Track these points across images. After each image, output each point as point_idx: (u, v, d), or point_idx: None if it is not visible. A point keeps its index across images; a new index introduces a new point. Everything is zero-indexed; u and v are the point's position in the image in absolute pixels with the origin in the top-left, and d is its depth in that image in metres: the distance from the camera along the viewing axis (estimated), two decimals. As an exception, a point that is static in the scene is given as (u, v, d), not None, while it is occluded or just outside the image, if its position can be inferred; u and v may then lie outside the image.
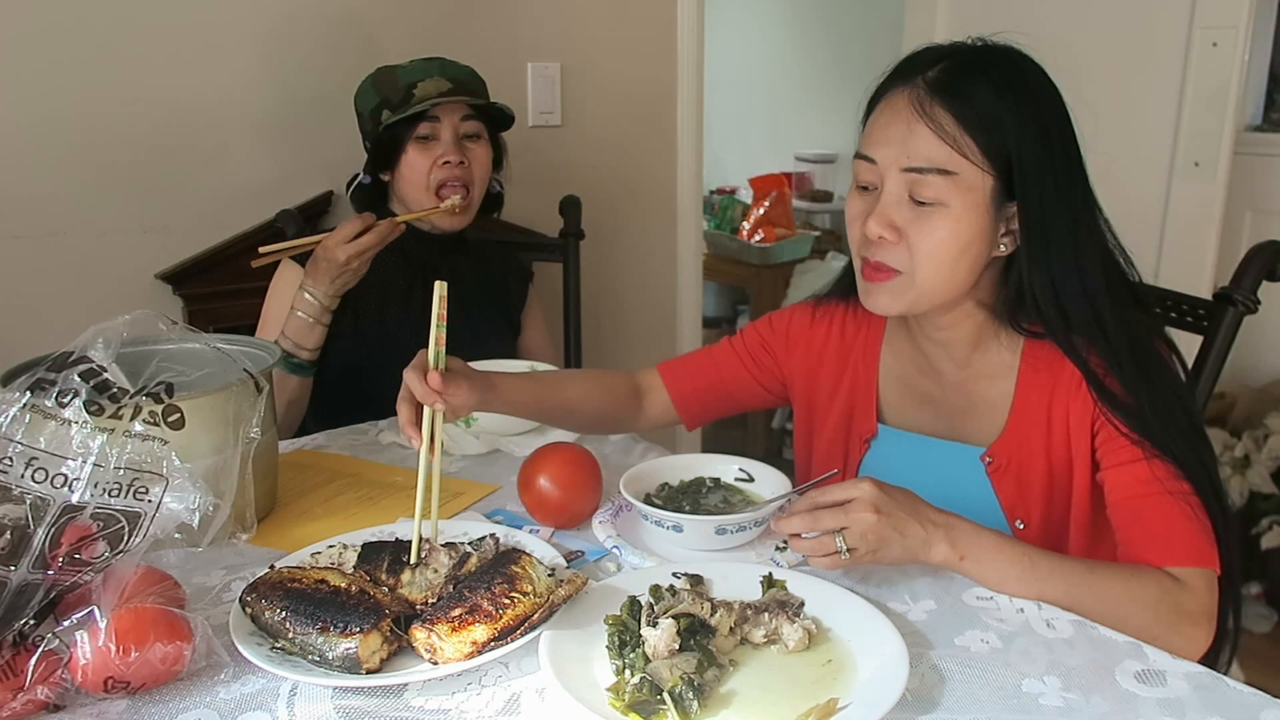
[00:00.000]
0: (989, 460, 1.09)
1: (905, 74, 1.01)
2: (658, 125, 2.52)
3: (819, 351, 1.25)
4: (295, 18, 1.91)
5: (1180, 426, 0.99)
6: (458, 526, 1.06)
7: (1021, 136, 0.97)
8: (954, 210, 0.98)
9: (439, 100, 1.55)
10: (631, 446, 1.37)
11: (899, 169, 0.99)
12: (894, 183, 1.00)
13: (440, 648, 0.80)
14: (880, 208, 1.00)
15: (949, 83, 0.98)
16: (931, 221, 0.99)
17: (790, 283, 3.70)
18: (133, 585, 0.80)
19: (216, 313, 1.87)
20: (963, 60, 1.00)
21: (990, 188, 0.98)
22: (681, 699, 0.75)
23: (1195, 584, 0.94)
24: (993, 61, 1.00)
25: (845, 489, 0.91)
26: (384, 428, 1.44)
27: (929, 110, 0.97)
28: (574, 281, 2.03)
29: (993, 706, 0.77)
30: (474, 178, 1.63)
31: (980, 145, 0.96)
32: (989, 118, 0.96)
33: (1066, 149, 1.00)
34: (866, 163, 1.02)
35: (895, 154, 0.99)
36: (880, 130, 1.01)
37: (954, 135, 0.96)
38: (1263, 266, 1.23)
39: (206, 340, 1.14)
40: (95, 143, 1.76)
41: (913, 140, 0.98)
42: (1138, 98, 2.42)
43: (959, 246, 0.99)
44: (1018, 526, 1.08)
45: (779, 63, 4.26)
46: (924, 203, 0.99)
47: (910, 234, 1.00)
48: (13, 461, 0.81)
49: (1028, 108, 0.97)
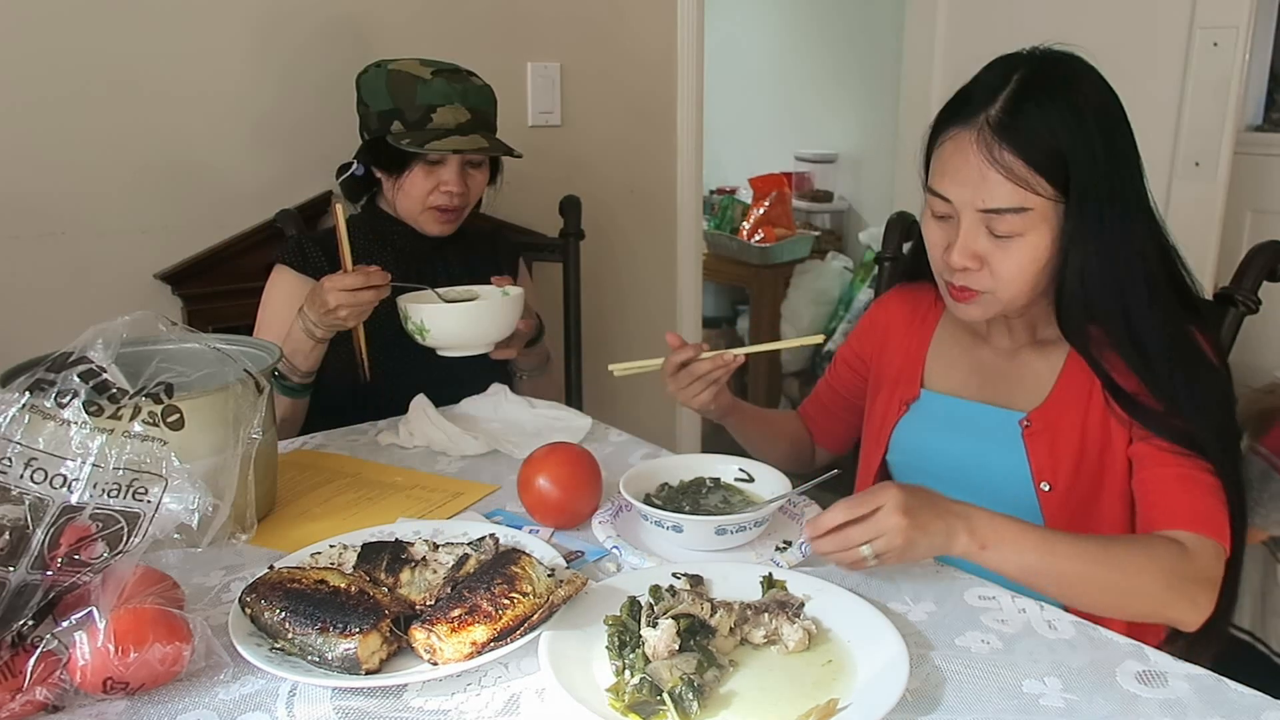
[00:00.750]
0: (1026, 424, 1.13)
1: (967, 113, 1.04)
2: (658, 125, 2.52)
3: (884, 334, 1.32)
4: (296, 17, 1.91)
5: (1214, 420, 1.03)
6: (458, 526, 1.06)
7: (1082, 164, 1.00)
8: (1030, 239, 1.03)
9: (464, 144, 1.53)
10: (632, 447, 1.37)
11: (974, 209, 1.03)
12: (970, 219, 1.04)
13: (440, 648, 0.80)
14: (962, 242, 1.05)
15: (1012, 123, 1.01)
16: (1011, 250, 1.04)
17: (790, 283, 3.70)
18: (132, 586, 0.80)
19: (216, 313, 1.87)
20: (1018, 91, 1.02)
21: (1060, 210, 1.02)
22: (681, 699, 0.74)
23: (1204, 550, 0.97)
24: (1047, 84, 1.03)
25: (870, 498, 0.91)
26: (383, 428, 1.44)
27: (998, 156, 1.01)
28: (574, 281, 2.02)
29: (993, 707, 0.77)
30: (468, 201, 1.64)
31: (1048, 178, 1.00)
32: (1053, 153, 1.00)
33: (1114, 151, 1.03)
34: (941, 200, 1.06)
35: (970, 196, 1.03)
36: (952, 172, 1.05)
37: (1024, 178, 1.00)
38: (1263, 266, 1.23)
39: (206, 340, 1.14)
40: (95, 143, 1.75)
41: (985, 185, 1.01)
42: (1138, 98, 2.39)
43: (1038, 266, 1.04)
44: (1042, 489, 1.11)
45: (779, 63, 4.25)
46: (1001, 235, 1.03)
47: (992, 262, 1.05)
48: (12, 462, 0.81)
49: (1080, 123, 1.01)
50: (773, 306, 3.68)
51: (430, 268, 1.68)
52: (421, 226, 1.63)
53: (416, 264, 1.67)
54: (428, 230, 1.64)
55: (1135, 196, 1.05)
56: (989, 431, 1.15)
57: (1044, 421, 1.12)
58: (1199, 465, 1.01)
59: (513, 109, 2.20)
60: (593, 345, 2.12)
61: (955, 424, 1.19)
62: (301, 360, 1.49)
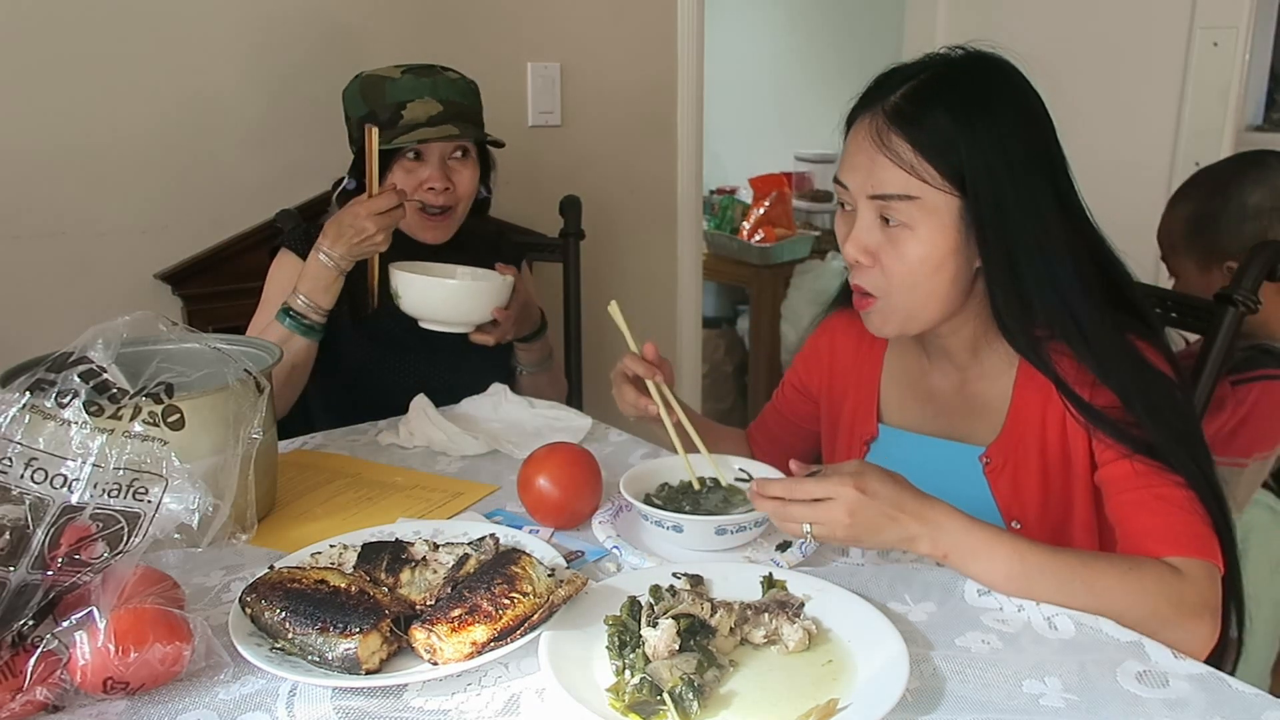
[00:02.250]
0: (986, 461, 1.10)
1: (871, 100, 1.04)
2: (658, 125, 2.51)
3: (829, 360, 1.29)
4: (295, 17, 1.91)
5: (1171, 426, 0.99)
6: (458, 526, 1.06)
7: (975, 155, 0.98)
8: (920, 233, 1.00)
9: (432, 134, 1.54)
10: (632, 447, 1.37)
11: (866, 195, 1.02)
12: (864, 208, 1.03)
13: (440, 648, 0.80)
14: (854, 232, 1.04)
15: (907, 110, 1.00)
16: (901, 245, 1.01)
17: (790, 283, 3.70)
18: (132, 586, 0.80)
19: (216, 313, 1.87)
20: (923, 84, 1.01)
21: (957, 207, 1.00)
22: (681, 699, 0.74)
23: (1195, 574, 0.93)
24: (954, 81, 1.02)
25: (826, 486, 0.91)
26: (383, 428, 1.44)
27: (886, 140, 1.00)
28: (574, 281, 2.02)
29: (993, 707, 0.77)
30: (458, 198, 1.62)
31: (939, 169, 0.98)
32: (944, 143, 0.98)
33: (1030, 156, 1.00)
34: (841, 187, 1.06)
35: (862, 181, 1.02)
36: (850, 157, 1.05)
37: (911, 163, 0.99)
38: (1263, 266, 1.23)
39: (206, 340, 1.14)
40: (95, 143, 1.76)
41: (875, 169, 1.01)
42: (1138, 98, 2.42)
43: (931, 267, 1.01)
44: (1014, 526, 1.09)
45: (779, 62, 4.25)
46: (893, 224, 1.01)
47: (883, 257, 1.03)
48: (12, 462, 0.81)
49: (984, 125, 0.98)
50: (773, 306, 3.68)
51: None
52: (415, 234, 1.63)
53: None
54: (422, 239, 1.63)
55: (1052, 198, 1.01)
56: (952, 470, 1.12)
57: (1003, 456, 1.09)
58: (1168, 480, 0.97)
59: (513, 109, 2.21)
60: (593, 345, 2.12)
61: (918, 463, 1.12)
62: (322, 295, 1.49)
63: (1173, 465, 0.98)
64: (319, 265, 1.48)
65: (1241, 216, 1.45)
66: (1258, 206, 1.45)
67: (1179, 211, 1.54)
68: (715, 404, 3.81)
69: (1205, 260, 1.49)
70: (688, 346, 2.73)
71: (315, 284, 1.48)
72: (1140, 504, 0.98)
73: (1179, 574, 0.93)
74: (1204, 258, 1.50)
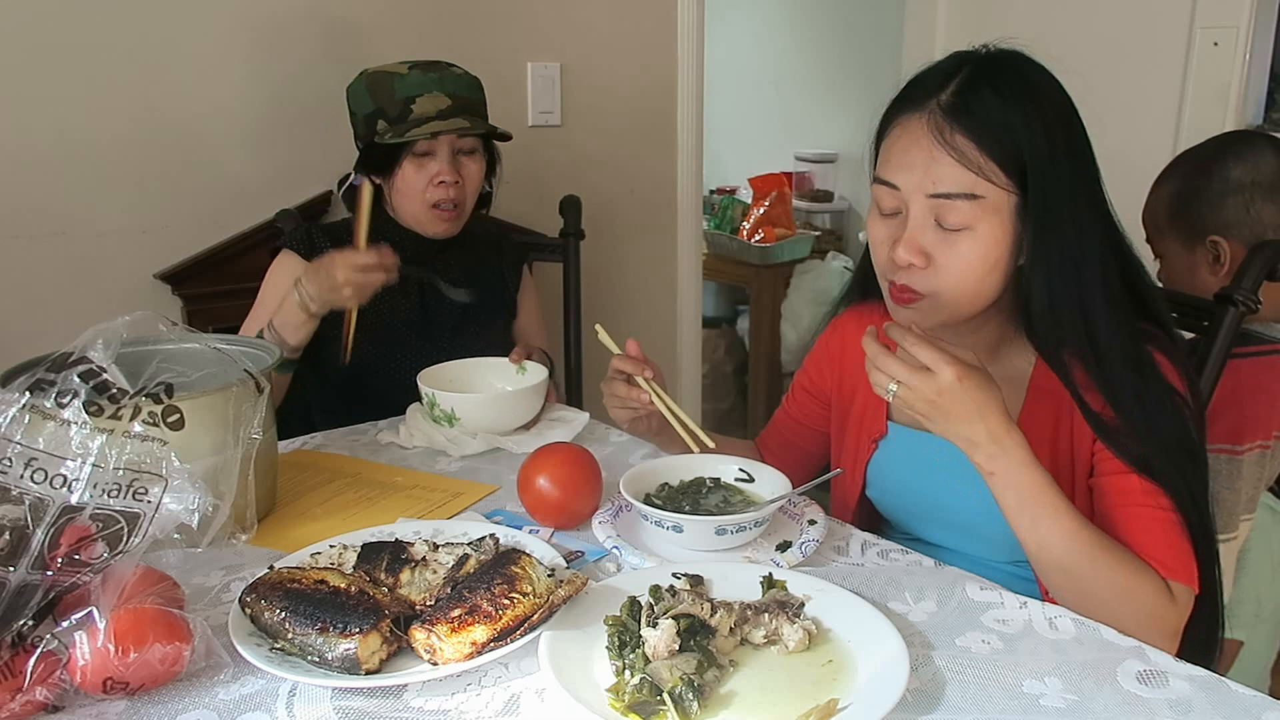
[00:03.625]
0: None
1: (917, 98, 1.01)
2: (658, 125, 2.51)
3: (840, 359, 1.28)
4: (295, 17, 1.91)
5: (1165, 443, 0.98)
6: (458, 526, 1.06)
7: (1034, 144, 0.96)
8: (980, 233, 0.98)
9: (444, 127, 1.54)
10: (632, 447, 1.37)
11: (924, 195, 0.98)
12: (919, 208, 0.99)
13: (440, 648, 0.80)
14: (909, 234, 1.00)
15: (964, 105, 0.97)
16: (960, 245, 0.98)
17: (790, 283, 3.70)
18: (132, 586, 0.80)
19: (216, 313, 1.87)
20: (972, 78, 0.99)
21: (1014, 204, 0.98)
22: (681, 699, 0.74)
23: (1181, 601, 0.96)
24: (1000, 74, 0.99)
25: (933, 357, 0.93)
26: (383, 428, 1.44)
27: (949, 138, 0.96)
28: (574, 281, 2.02)
29: (993, 707, 0.77)
30: (467, 193, 1.63)
31: (1001, 166, 0.96)
32: (1006, 137, 0.96)
33: (1073, 152, 0.99)
34: (888, 188, 1.02)
35: (919, 180, 0.98)
36: (900, 156, 1.00)
37: (977, 162, 0.96)
38: (1263, 266, 1.23)
39: (206, 340, 1.14)
40: (95, 143, 1.76)
41: (935, 167, 0.97)
42: (1138, 97, 2.41)
43: (987, 266, 0.99)
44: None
45: (779, 62, 4.25)
46: (950, 228, 0.98)
47: (938, 258, 0.99)
48: (12, 462, 0.81)
49: (1036, 115, 0.97)
50: (773, 306, 3.68)
51: (433, 272, 1.68)
52: (424, 228, 1.63)
53: (422, 269, 1.67)
54: (431, 231, 1.63)
55: (1094, 202, 1.00)
56: (962, 468, 1.09)
57: None
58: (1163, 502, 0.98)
59: (513, 109, 2.21)
60: (593, 345, 2.12)
61: (927, 460, 1.14)
62: (290, 333, 1.47)
63: (1161, 479, 0.98)
64: (292, 300, 1.45)
65: (1224, 191, 1.46)
66: (1239, 181, 1.46)
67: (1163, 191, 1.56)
68: (715, 404, 3.80)
69: (1189, 237, 1.50)
70: (688, 346, 2.73)
71: (286, 320, 1.46)
72: (1136, 519, 0.99)
73: (1170, 596, 0.95)
74: (1188, 234, 1.50)
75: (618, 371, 1.19)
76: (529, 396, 1.41)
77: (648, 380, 1.17)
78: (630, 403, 1.18)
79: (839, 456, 1.28)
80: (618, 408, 1.21)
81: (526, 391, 1.40)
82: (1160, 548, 0.97)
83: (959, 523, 1.14)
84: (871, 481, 1.21)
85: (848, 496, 1.24)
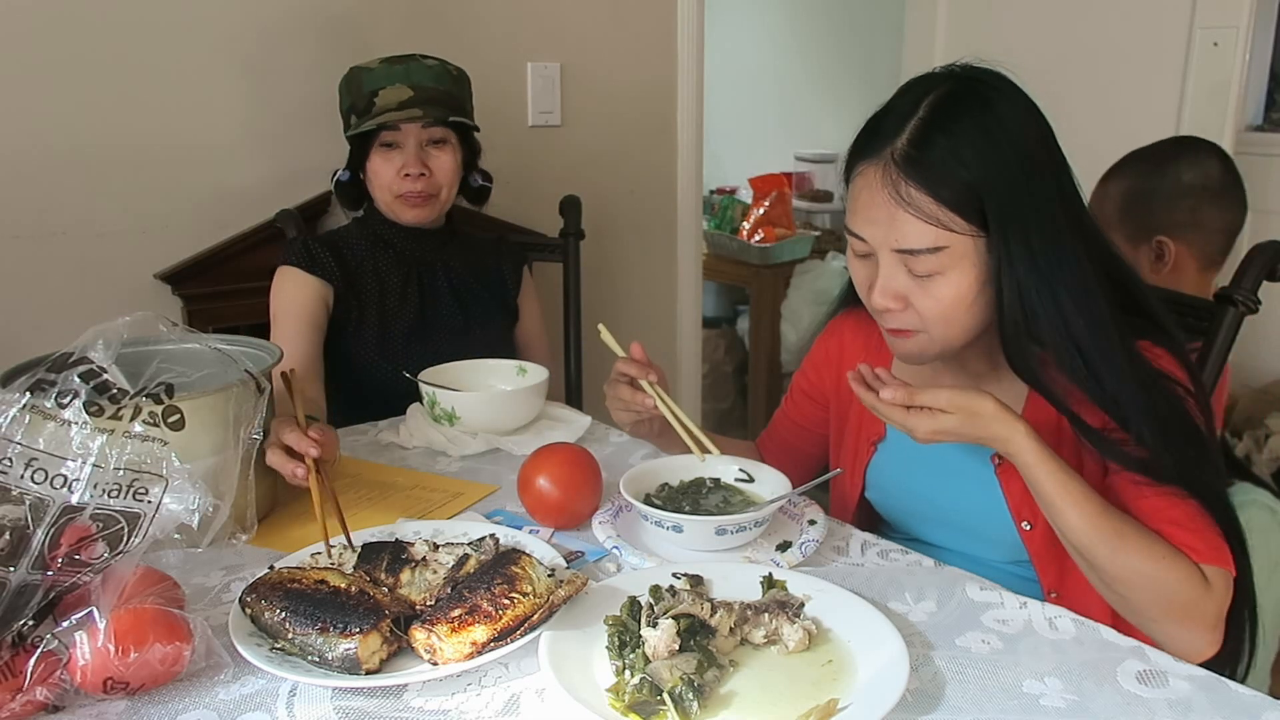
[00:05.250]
0: (998, 461, 1.09)
1: (874, 147, 0.99)
2: (658, 125, 2.51)
3: (839, 361, 1.28)
4: (295, 17, 1.91)
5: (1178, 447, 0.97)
6: (458, 526, 1.06)
7: (993, 190, 0.95)
8: (952, 277, 0.98)
9: (397, 117, 1.54)
10: (632, 447, 1.37)
11: (889, 250, 0.99)
12: (888, 260, 1.00)
13: (440, 648, 0.80)
14: (881, 283, 1.01)
15: (917, 156, 0.96)
16: (934, 289, 0.99)
17: (790, 283, 3.70)
18: (132, 586, 0.80)
19: (216, 313, 1.87)
20: (925, 122, 0.97)
21: (981, 244, 0.97)
22: (681, 699, 0.74)
23: (1218, 586, 0.93)
24: (958, 108, 0.97)
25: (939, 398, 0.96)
26: (383, 428, 1.44)
27: (905, 193, 0.96)
28: (574, 281, 2.02)
29: (993, 707, 0.77)
30: (439, 185, 1.62)
31: (960, 213, 0.95)
32: (961, 183, 0.95)
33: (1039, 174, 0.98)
34: (858, 239, 1.02)
35: (884, 235, 0.99)
36: (864, 210, 1.00)
37: (935, 215, 0.95)
38: (1263, 266, 1.22)
39: (206, 341, 1.14)
40: (95, 143, 1.75)
41: (897, 225, 0.97)
42: (1138, 97, 2.41)
43: (965, 303, 0.99)
44: (1024, 528, 1.08)
45: (779, 62, 4.25)
46: (921, 274, 0.99)
47: (915, 302, 1.00)
48: (12, 462, 0.81)
49: (992, 150, 0.96)
50: (773, 306, 3.68)
51: (431, 271, 1.68)
52: (398, 216, 1.63)
53: (417, 266, 1.67)
54: (404, 219, 1.63)
55: (1066, 217, 0.99)
56: (962, 470, 1.11)
57: None
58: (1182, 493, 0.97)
59: (513, 109, 2.21)
60: (593, 345, 2.12)
61: (927, 462, 1.14)
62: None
63: (1179, 480, 0.97)
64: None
65: (1177, 193, 1.51)
66: (1190, 185, 1.51)
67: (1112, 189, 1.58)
68: (715, 404, 3.80)
69: (1136, 235, 1.54)
70: (688, 346, 2.73)
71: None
72: (1157, 510, 0.97)
73: (1205, 582, 0.93)
74: (1135, 233, 1.54)
75: (622, 374, 1.18)
76: (529, 396, 1.41)
77: (652, 384, 1.17)
78: (634, 406, 1.17)
79: (838, 459, 1.28)
80: (621, 411, 1.20)
81: (526, 391, 1.40)
82: (1187, 533, 0.95)
83: (959, 523, 1.14)
84: (871, 484, 1.21)
85: (847, 498, 1.24)
